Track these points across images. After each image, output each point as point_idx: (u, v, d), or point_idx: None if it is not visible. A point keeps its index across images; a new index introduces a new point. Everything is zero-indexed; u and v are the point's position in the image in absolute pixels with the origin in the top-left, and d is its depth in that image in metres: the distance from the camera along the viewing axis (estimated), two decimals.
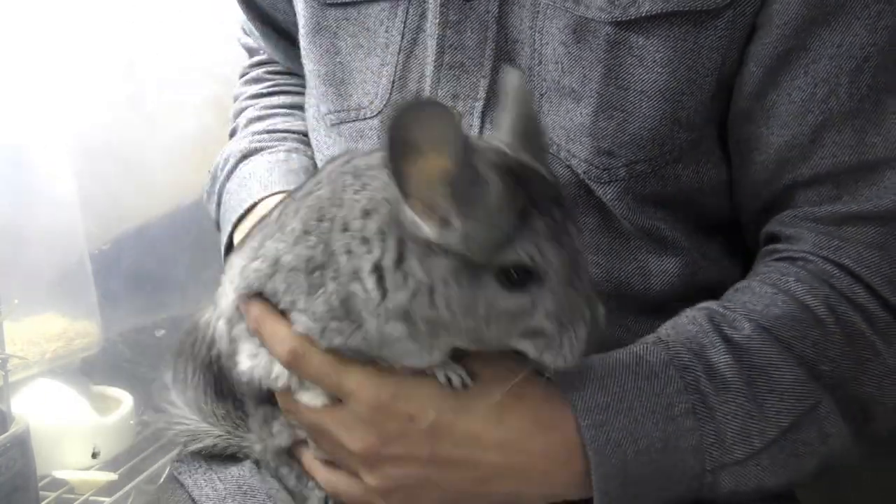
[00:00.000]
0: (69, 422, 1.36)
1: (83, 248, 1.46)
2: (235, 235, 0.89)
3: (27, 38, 1.37)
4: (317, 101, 0.87)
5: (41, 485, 1.26)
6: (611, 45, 0.71)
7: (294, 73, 1.04)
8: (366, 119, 0.82)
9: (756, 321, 0.69)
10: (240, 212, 0.89)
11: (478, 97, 0.77)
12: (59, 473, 1.32)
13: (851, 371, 0.69)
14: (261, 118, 1.01)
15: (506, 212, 0.56)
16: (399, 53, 0.80)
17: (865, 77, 0.69)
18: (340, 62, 0.84)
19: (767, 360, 0.67)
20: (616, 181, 0.73)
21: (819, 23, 0.69)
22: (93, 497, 1.32)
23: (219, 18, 1.47)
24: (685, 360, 0.67)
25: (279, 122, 0.99)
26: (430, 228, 0.57)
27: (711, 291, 0.75)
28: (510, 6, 0.76)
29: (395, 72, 0.80)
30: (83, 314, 1.47)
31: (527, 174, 0.58)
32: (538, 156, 0.61)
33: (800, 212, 0.73)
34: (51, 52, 1.39)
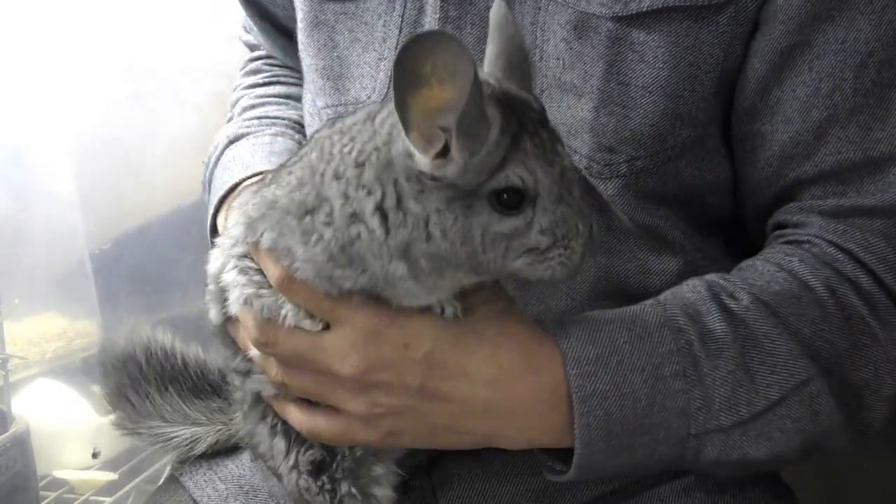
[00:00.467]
0: (69, 422, 1.36)
1: (83, 248, 1.46)
2: (219, 218, 0.89)
3: (27, 38, 1.37)
4: (314, 96, 0.88)
5: (41, 485, 1.27)
6: (612, 41, 0.71)
7: (292, 67, 1.05)
8: None
9: (755, 294, 0.69)
10: (221, 193, 0.89)
11: None
12: (59, 473, 1.32)
13: (847, 354, 0.68)
14: (254, 106, 1.01)
15: (502, 142, 0.57)
16: (397, 48, 0.80)
17: (870, 73, 0.69)
18: (338, 56, 0.84)
19: (763, 333, 0.67)
20: (617, 177, 0.73)
21: (823, 18, 0.69)
22: (93, 497, 1.32)
23: (219, 18, 1.47)
24: (680, 324, 0.67)
25: (271, 110, 1.00)
26: (427, 160, 0.58)
27: None
28: (510, 2, 0.76)
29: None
30: (83, 314, 1.47)
31: (514, 102, 0.59)
32: (524, 84, 0.62)
33: (805, 204, 0.73)
34: (51, 52, 1.38)
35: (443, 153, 0.57)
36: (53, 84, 1.40)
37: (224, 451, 0.85)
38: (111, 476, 1.34)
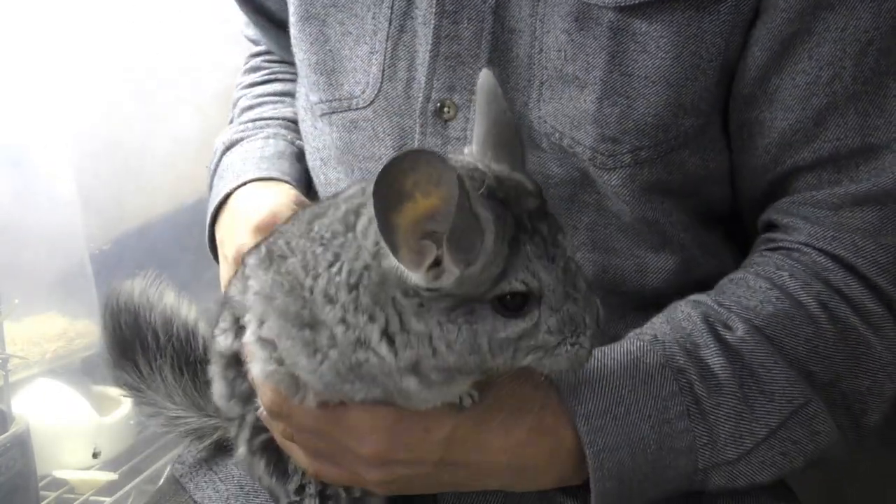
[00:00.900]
0: (69, 422, 1.36)
1: (83, 249, 1.46)
2: (217, 228, 0.90)
3: (27, 39, 1.37)
4: (307, 91, 0.87)
5: (41, 485, 1.27)
6: (614, 32, 0.71)
7: (290, 63, 1.05)
8: (358, 109, 0.82)
9: (749, 320, 0.70)
10: (216, 203, 0.89)
11: (474, 89, 0.77)
12: (59, 473, 1.32)
13: (846, 366, 0.70)
14: (251, 107, 1.01)
15: (500, 250, 0.54)
16: (387, 40, 0.80)
17: (869, 60, 0.70)
18: (330, 50, 0.83)
19: (759, 362, 0.68)
20: (621, 167, 0.73)
21: (823, 6, 0.69)
22: (93, 497, 1.32)
23: (220, 17, 1.47)
24: (680, 363, 0.68)
25: (267, 110, 1.00)
26: (420, 274, 0.54)
27: (707, 286, 0.75)
28: None
29: (385, 60, 0.80)
30: (83, 314, 1.47)
31: (508, 191, 0.56)
32: (515, 159, 0.60)
33: (798, 197, 0.74)
34: (51, 53, 1.39)
35: (436, 263, 0.54)
36: (54, 84, 1.40)
37: (224, 451, 0.84)
38: (111, 476, 1.34)
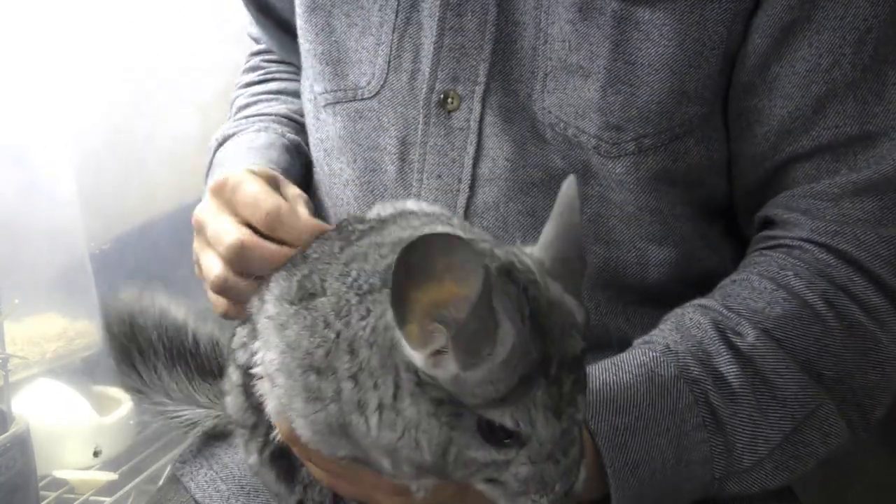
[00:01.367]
0: (69, 422, 1.35)
1: (83, 248, 1.46)
2: None
3: (27, 38, 1.37)
4: (311, 82, 0.87)
5: (41, 485, 1.26)
6: (617, 21, 0.72)
7: (288, 63, 1.05)
8: (363, 99, 0.82)
9: (758, 325, 0.70)
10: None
11: (478, 80, 0.77)
12: (59, 473, 1.31)
13: (854, 362, 0.70)
14: (247, 105, 1.01)
15: (506, 378, 0.50)
16: (394, 32, 0.80)
17: (868, 48, 0.70)
18: (336, 41, 0.84)
19: (771, 368, 0.69)
20: (625, 155, 0.74)
21: None
22: (93, 497, 1.31)
23: (220, 17, 1.47)
24: (694, 374, 0.68)
25: (262, 107, 1.00)
26: (422, 358, 0.51)
27: (707, 280, 0.76)
28: None
29: (391, 51, 0.81)
30: (83, 314, 1.47)
31: (554, 324, 0.52)
32: (574, 276, 0.56)
33: (797, 191, 0.74)
34: (52, 52, 1.38)
35: (441, 351, 0.51)
36: (54, 84, 1.39)
37: (223, 446, 0.84)
38: (111, 476, 1.33)
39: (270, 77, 1.05)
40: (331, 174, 0.87)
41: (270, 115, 0.98)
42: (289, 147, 0.92)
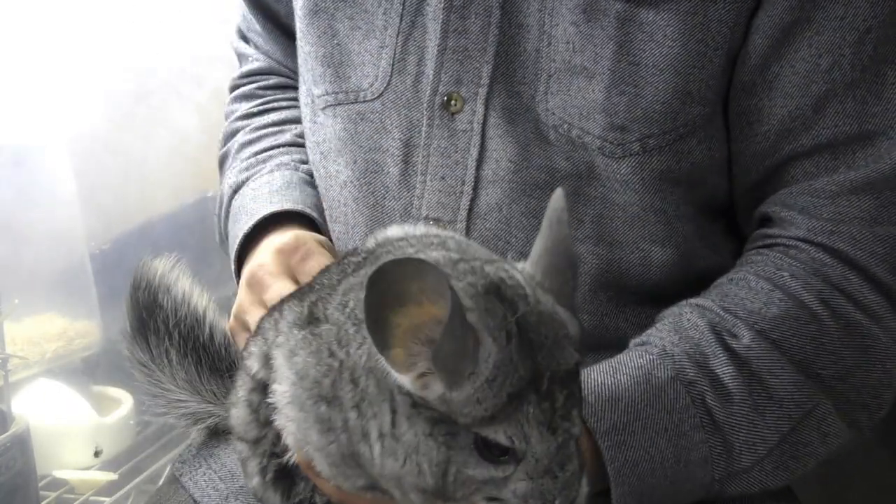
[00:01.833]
0: (69, 422, 1.35)
1: (83, 248, 1.46)
2: (243, 271, 0.87)
3: (27, 38, 1.37)
4: (310, 85, 0.87)
5: (41, 485, 1.26)
6: (621, 22, 0.72)
7: (286, 87, 1.04)
8: (366, 101, 0.82)
9: (754, 326, 0.70)
10: (236, 248, 0.87)
11: (481, 83, 0.77)
12: (59, 473, 1.31)
13: (854, 361, 0.71)
14: (251, 142, 0.99)
15: (492, 395, 0.50)
16: (398, 35, 0.80)
17: (867, 48, 0.71)
18: (338, 44, 0.84)
19: (767, 369, 0.69)
20: (629, 156, 0.74)
21: None
22: (93, 497, 1.31)
23: (221, 17, 1.47)
24: (690, 375, 0.69)
25: (267, 142, 0.98)
26: (409, 381, 0.51)
27: (706, 280, 0.76)
28: None
29: (395, 54, 0.81)
30: (83, 314, 1.47)
31: (545, 337, 0.52)
32: (566, 288, 0.56)
33: (796, 188, 0.74)
34: (51, 52, 1.39)
35: (426, 373, 0.51)
36: (54, 84, 1.40)
37: (221, 444, 0.84)
38: (111, 476, 1.33)
39: (269, 107, 1.03)
40: (327, 176, 0.86)
41: (281, 147, 0.97)
42: (306, 180, 0.91)
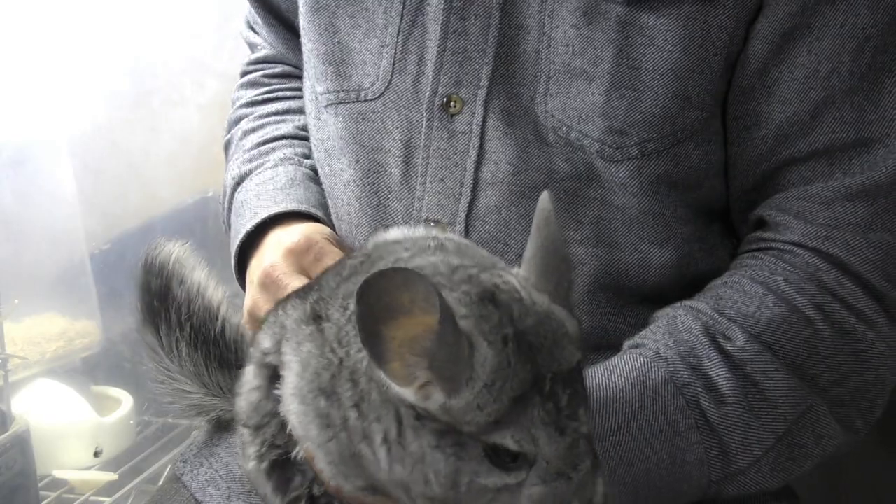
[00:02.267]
0: (69, 422, 1.35)
1: (83, 248, 1.46)
2: (248, 268, 0.87)
3: (28, 38, 1.37)
4: (313, 82, 0.87)
5: (41, 485, 1.26)
6: (622, 26, 0.72)
7: (291, 76, 1.04)
8: (367, 101, 0.82)
9: (748, 329, 0.70)
10: (237, 244, 0.87)
11: (480, 84, 0.77)
12: (59, 473, 1.31)
13: (848, 365, 0.71)
14: (254, 129, 0.99)
15: (493, 400, 0.49)
16: (398, 35, 0.80)
17: (866, 56, 0.71)
18: (339, 42, 0.84)
19: (761, 371, 0.69)
20: (628, 160, 0.74)
21: (824, 2, 0.71)
22: (93, 497, 1.31)
23: (221, 17, 1.47)
24: (684, 377, 0.69)
25: (270, 131, 0.98)
26: (411, 393, 0.50)
27: (702, 282, 0.76)
28: None
29: (395, 54, 0.80)
30: (83, 314, 1.47)
31: (544, 338, 0.51)
32: (561, 287, 0.55)
33: (791, 192, 0.74)
34: (52, 52, 1.39)
35: (426, 384, 0.50)
36: (55, 83, 1.40)
37: (225, 449, 0.84)
38: (111, 476, 1.33)
39: (274, 96, 1.03)
40: (331, 174, 0.87)
41: (284, 139, 0.97)
42: (310, 176, 0.91)
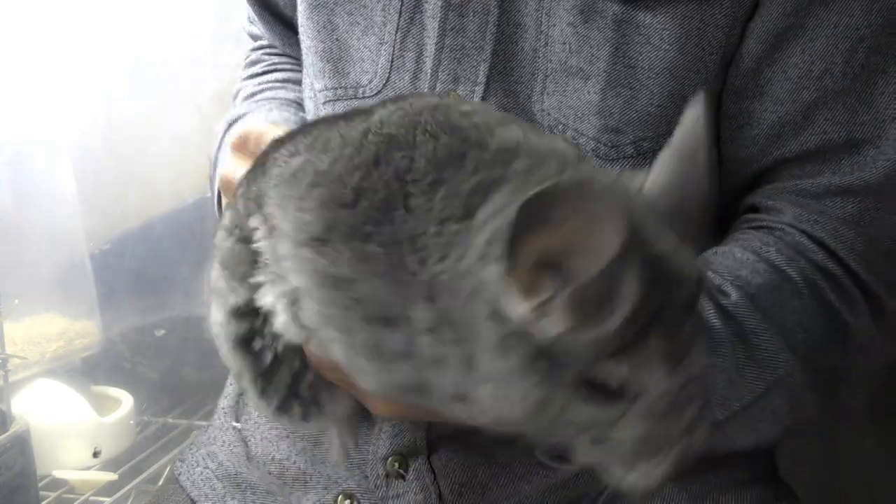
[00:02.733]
0: (69, 422, 1.35)
1: (83, 248, 1.47)
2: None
3: (27, 38, 1.38)
4: (312, 79, 0.87)
5: (41, 485, 1.26)
6: (618, 24, 0.72)
7: (293, 57, 1.05)
8: (364, 98, 0.82)
9: (742, 288, 0.70)
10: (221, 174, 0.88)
11: (478, 81, 0.77)
12: (59, 473, 1.31)
13: (822, 341, 0.71)
14: (254, 94, 1.00)
15: (624, 332, 0.45)
16: (397, 32, 0.80)
17: (859, 57, 0.71)
18: (337, 39, 0.84)
19: (751, 328, 0.69)
20: (623, 158, 0.74)
21: (818, 3, 0.71)
22: (93, 497, 1.31)
23: (220, 16, 1.47)
24: None
25: (269, 94, 0.99)
26: (525, 308, 0.46)
27: None
28: None
29: (394, 51, 0.81)
30: (83, 314, 1.47)
31: (668, 273, 0.47)
32: (690, 228, 0.50)
33: (781, 185, 0.75)
34: (51, 51, 1.39)
35: (547, 301, 0.45)
36: (54, 83, 1.40)
37: (220, 448, 0.84)
38: (111, 476, 1.33)
39: (273, 68, 1.05)
40: None
41: (280, 100, 0.97)
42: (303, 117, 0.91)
